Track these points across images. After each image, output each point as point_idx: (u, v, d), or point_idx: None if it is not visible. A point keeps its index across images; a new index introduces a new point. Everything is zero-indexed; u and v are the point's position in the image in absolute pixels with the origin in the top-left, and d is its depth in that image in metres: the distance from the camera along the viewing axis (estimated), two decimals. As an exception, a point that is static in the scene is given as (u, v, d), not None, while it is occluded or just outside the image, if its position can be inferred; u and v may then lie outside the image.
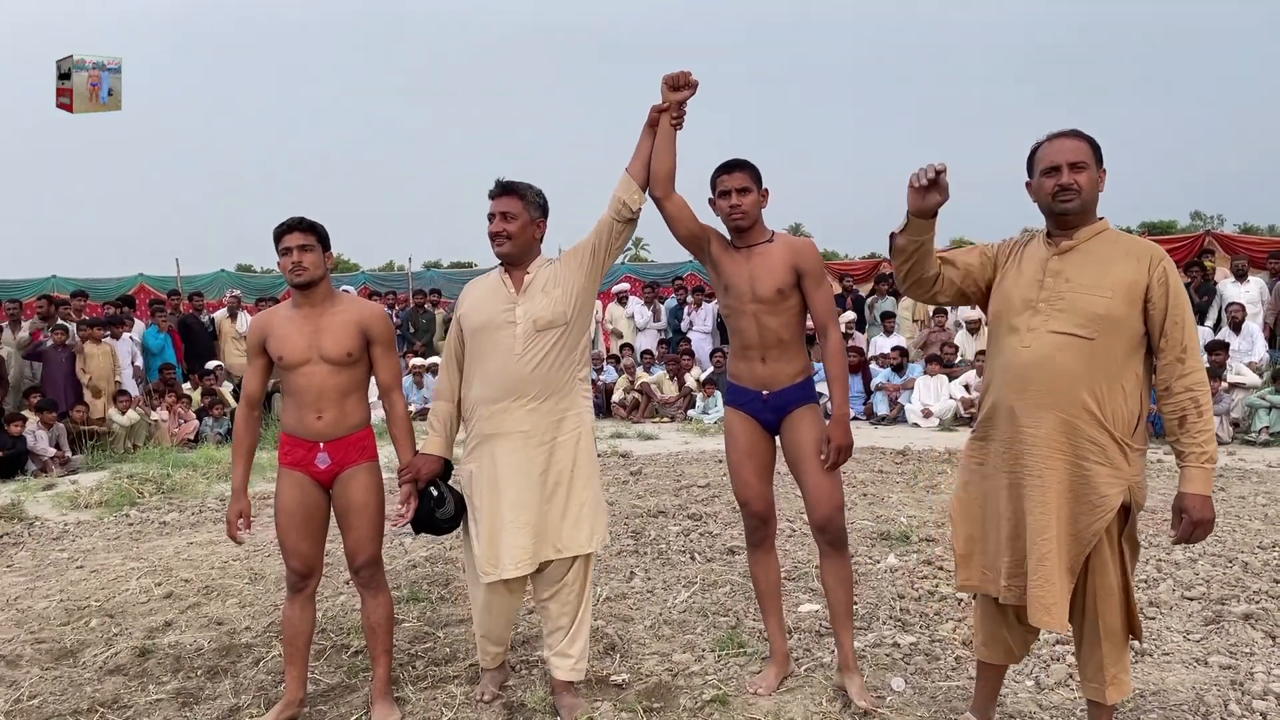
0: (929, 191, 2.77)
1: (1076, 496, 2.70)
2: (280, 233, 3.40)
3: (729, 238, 3.60)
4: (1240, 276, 11.90)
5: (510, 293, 3.41)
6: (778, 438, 3.61)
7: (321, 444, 3.40)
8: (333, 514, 3.50)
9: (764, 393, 3.53)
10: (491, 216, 3.41)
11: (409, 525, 3.47)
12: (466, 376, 3.49)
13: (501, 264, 3.49)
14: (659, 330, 14.58)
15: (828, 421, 3.47)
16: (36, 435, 9.64)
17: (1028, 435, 2.75)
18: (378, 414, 3.98)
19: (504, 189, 3.42)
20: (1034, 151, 2.85)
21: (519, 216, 3.40)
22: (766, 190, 3.54)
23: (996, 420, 2.86)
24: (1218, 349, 10.01)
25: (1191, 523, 2.65)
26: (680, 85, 3.44)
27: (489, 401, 3.37)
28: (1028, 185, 2.89)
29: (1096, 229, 2.79)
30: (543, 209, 3.49)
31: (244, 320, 13.58)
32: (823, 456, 3.42)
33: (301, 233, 3.39)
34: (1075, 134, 2.80)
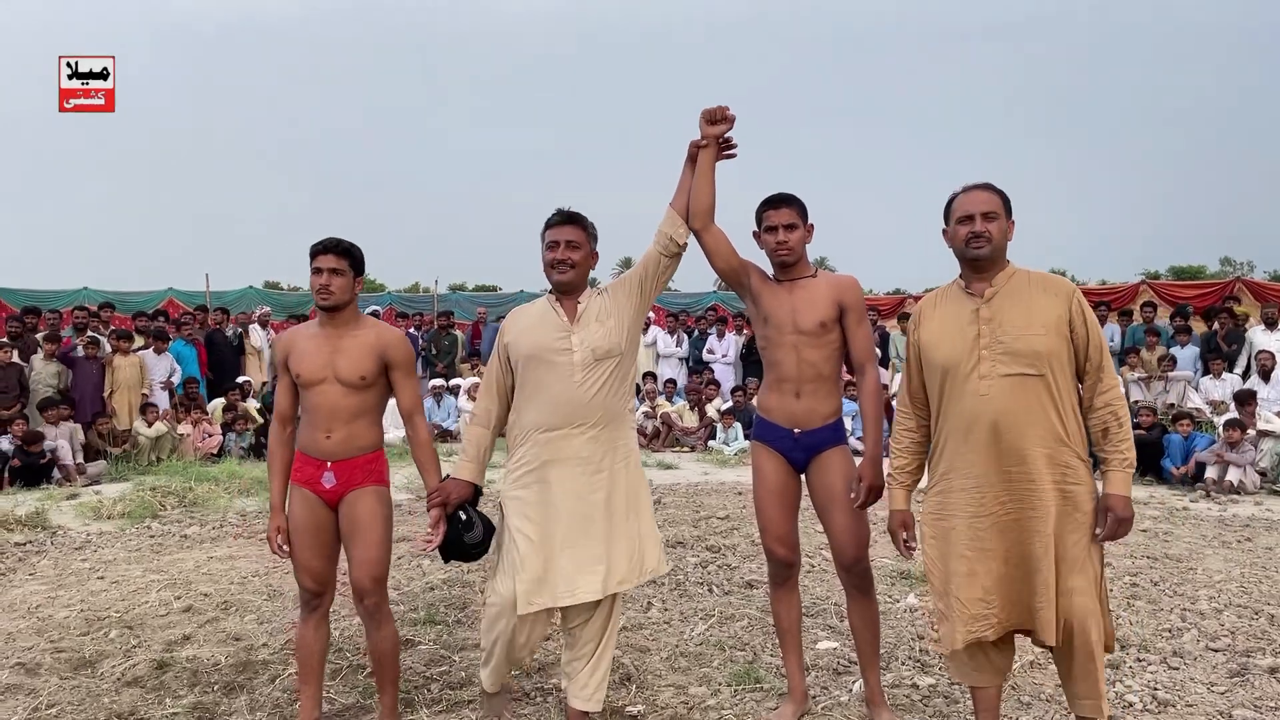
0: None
1: (1065, 518, 2.89)
2: (315, 251, 3.43)
3: (770, 271, 3.61)
4: (1270, 324, 11.78)
5: (563, 321, 3.40)
6: (803, 475, 3.60)
7: (329, 463, 3.41)
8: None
9: (795, 431, 3.52)
10: (555, 244, 3.40)
11: (438, 550, 3.44)
12: (517, 404, 3.45)
13: (552, 292, 3.50)
14: (680, 359, 14.56)
15: (858, 460, 3.46)
16: (59, 445, 9.73)
17: (1015, 474, 2.91)
18: (395, 434, 3.99)
19: (568, 218, 3.44)
20: (950, 202, 3.08)
21: (582, 246, 3.43)
22: (812, 225, 3.55)
23: (965, 469, 2.99)
24: (1247, 399, 9.88)
25: (1117, 520, 2.87)
26: (717, 119, 3.49)
27: (548, 428, 3.34)
28: (944, 233, 3.11)
29: (1009, 272, 3.03)
30: (596, 240, 3.52)
31: (255, 334, 13.57)
32: (853, 496, 3.41)
33: (336, 255, 3.41)
34: (987, 187, 3.05)
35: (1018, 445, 2.88)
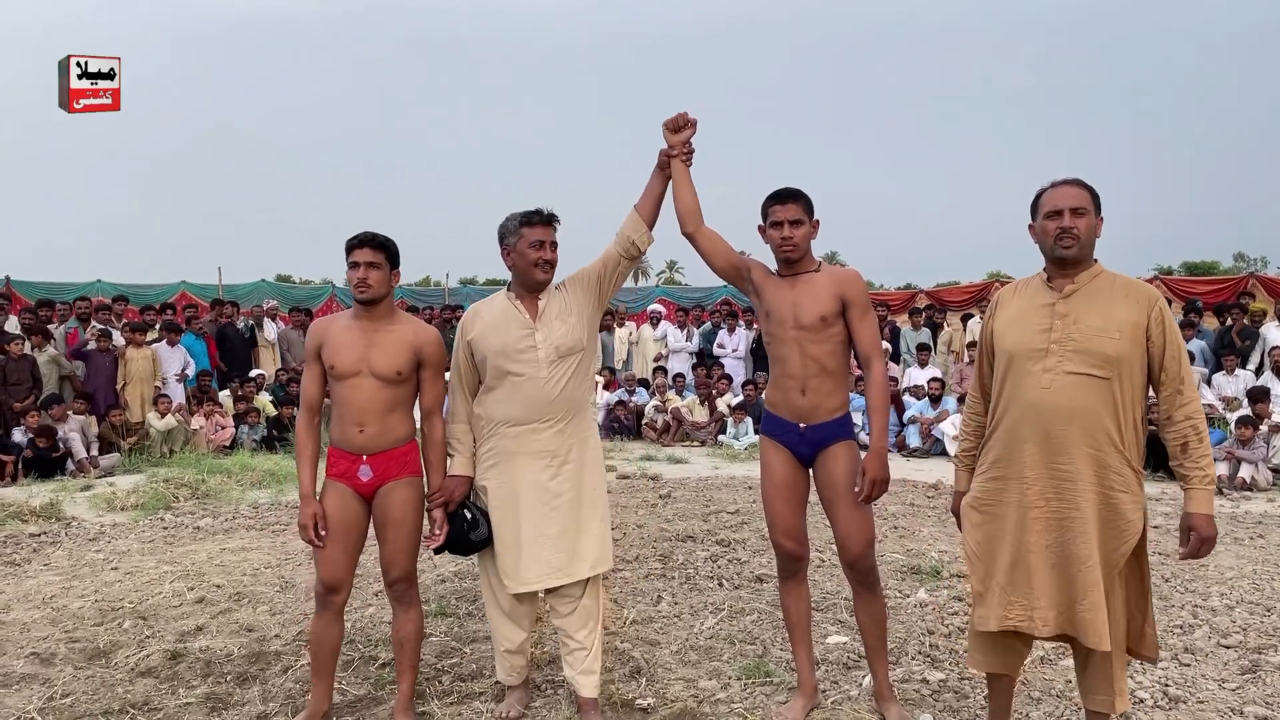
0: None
1: (1106, 524, 2.86)
2: (351, 246, 3.46)
3: (773, 266, 3.60)
4: (1284, 320, 11.71)
5: (525, 318, 3.49)
6: (811, 469, 3.60)
7: (364, 457, 3.44)
8: (372, 527, 3.54)
9: (801, 425, 3.52)
10: (540, 244, 3.47)
11: (437, 547, 3.53)
12: (482, 397, 3.56)
13: (509, 288, 3.59)
14: (690, 354, 14.55)
15: (864, 454, 3.46)
16: (70, 437, 9.78)
17: (1061, 471, 2.89)
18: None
19: (553, 219, 3.53)
20: (1038, 197, 3.04)
21: (557, 246, 3.53)
22: (817, 221, 3.55)
23: (1016, 459, 2.97)
24: (1260, 397, 9.80)
25: (1200, 539, 2.85)
26: (680, 126, 3.58)
27: (515, 422, 3.45)
28: (1030, 228, 3.06)
29: (1094, 271, 2.97)
30: None
31: (267, 327, 13.60)
32: (857, 489, 3.40)
33: (372, 249, 3.44)
34: (1077, 182, 2.98)
35: (1068, 443, 2.86)
